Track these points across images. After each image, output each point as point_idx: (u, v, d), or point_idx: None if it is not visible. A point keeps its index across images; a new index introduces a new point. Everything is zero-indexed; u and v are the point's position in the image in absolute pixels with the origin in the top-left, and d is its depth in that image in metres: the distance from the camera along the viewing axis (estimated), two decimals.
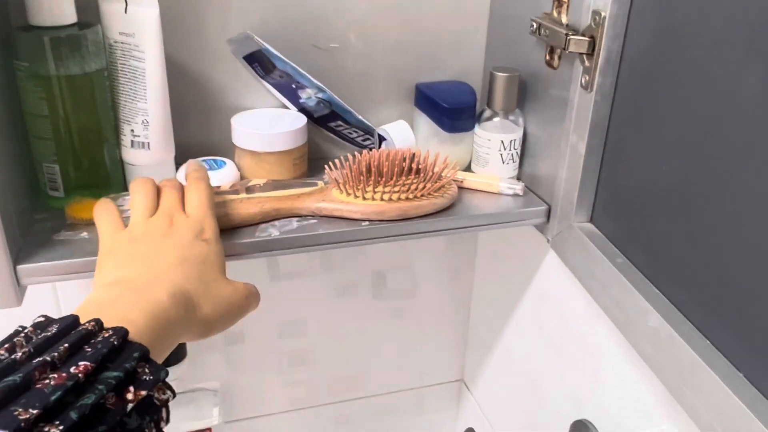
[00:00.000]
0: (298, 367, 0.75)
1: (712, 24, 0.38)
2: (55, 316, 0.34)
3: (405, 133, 0.61)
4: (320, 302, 0.72)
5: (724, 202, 0.38)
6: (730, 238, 0.37)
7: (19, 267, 0.44)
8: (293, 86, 0.58)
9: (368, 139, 0.61)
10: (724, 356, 0.38)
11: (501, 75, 0.55)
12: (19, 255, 0.45)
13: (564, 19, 0.49)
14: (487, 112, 0.57)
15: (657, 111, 0.43)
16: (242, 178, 0.56)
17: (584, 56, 0.47)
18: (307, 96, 0.58)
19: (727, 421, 0.36)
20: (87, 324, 0.32)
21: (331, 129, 0.61)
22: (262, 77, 0.58)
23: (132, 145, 0.53)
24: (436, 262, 0.74)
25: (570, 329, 0.58)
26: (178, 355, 0.64)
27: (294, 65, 0.55)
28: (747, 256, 0.36)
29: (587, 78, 0.47)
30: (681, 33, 0.40)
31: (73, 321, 0.32)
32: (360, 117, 0.59)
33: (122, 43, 0.50)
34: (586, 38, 0.46)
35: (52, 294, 0.62)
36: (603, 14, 0.45)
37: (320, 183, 0.55)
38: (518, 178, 0.59)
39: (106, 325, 0.33)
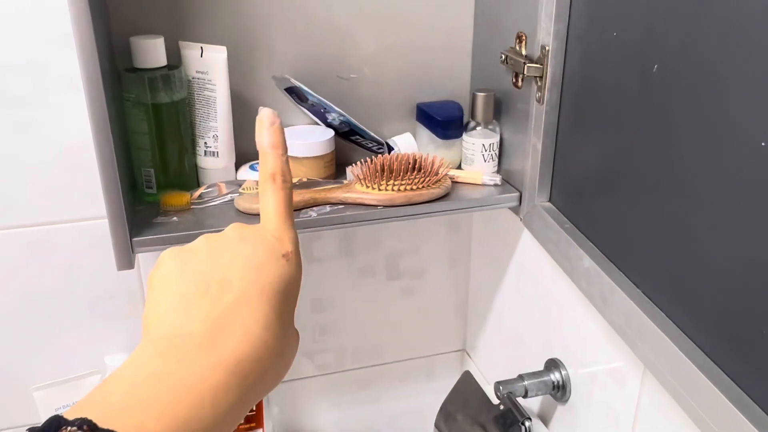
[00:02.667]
0: (326, 337, 0.92)
1: (612, 52, 0.55)
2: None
3: (409, 142, 0.78)
4: (344, 282, 0.89)
5: (635, 182, 0.55)
6: (635, 206, 0.54)
7: (133, 239, 0.62)
8: (322, 110, 0.75)
9: (381, 147, 0.78)
10: (633, 283, 0.55)
11: (480, 95, 0.73)
12: (131, 232, 0.63)
13: (523, 52, 0.67)
14: (472, 123, 0.74)
15: (588, 116, 0.60)
16: None
17: (537, 78, 0.65)
18: (332, 118, 0.76)
19: (636, 324, 0.52)
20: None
21: (352, 141, 0.78)
22: (298, 104, 0.76)
23: (205, 154, 0.71)
24: (439, 249, 0.91)
25: (540, 288, 0.74)
26: None
27: (320, 98, 0.73)
28: (644, 213, 0.53)
29: (539, 94, 0.65)
30: (594, 59, 0.58)
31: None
32: (372, 133, 0.76)
33: (198, 78, 0.68)
34: (538, 65, 0.64)
35: (137, 272, 0.80)
36: (547, 48, 0.62)
37: (345, 180, 0.72)
38: (497, 173, 0.76)
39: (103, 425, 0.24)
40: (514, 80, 0.69)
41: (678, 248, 0.49)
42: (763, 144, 0.40)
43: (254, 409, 0.84)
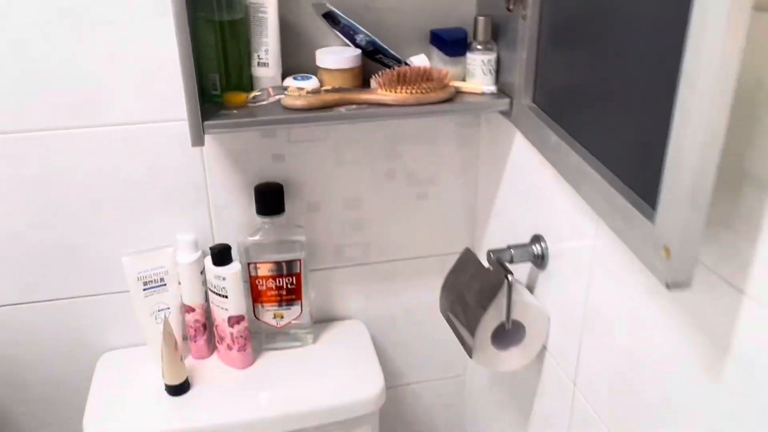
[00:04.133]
0: (355, 232, 1.10)
1: None
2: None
3: (423, 60, 0.95)
4: (371, 185, 1.07)
5: (592, 84, 0.70)
6: (593, 102, 0.70)
7: (204, 123, 0.81)
8: (351, 32, 0.92)
9: (399, 65, 0.95)
10: (593, 156, 0.71)
11: (481, 18, 0.89)
12: (202, 118, 0.81)
13: None
14: (474, 44, 0.90)
15: (562, 32, 0.76)
16: (322, 85, 0.91)
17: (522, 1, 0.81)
18: (360, 39, 0.93)
19: (600, 197, 0.68)
20: None
21: (376, 59, 0.95)
22: (332, 27, 0.93)
23: (258, 65, 0.89)
24: (452, 158, 1.08)
25: (526, 176, 0.91)
26: (278, 207, 0.99)
27: (351, 21, 0.90)
28: (599, 106, 0.69)
29: (524, 13, 0.81)
30: None
31: None
32: (393, 52, 0.93)
33: (254, 3, 0.86)
34: None
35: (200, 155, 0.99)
36: None
37: (370, 88, 0.89)
38: (494, 85, 0.92)
39: None
40: (506, 3, 0.85)
41: (617, 127, 0.65)
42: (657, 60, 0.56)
43: (295, 283, 1.03)
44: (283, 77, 0.92)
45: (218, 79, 0.87)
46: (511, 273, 0.83)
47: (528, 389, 0.98)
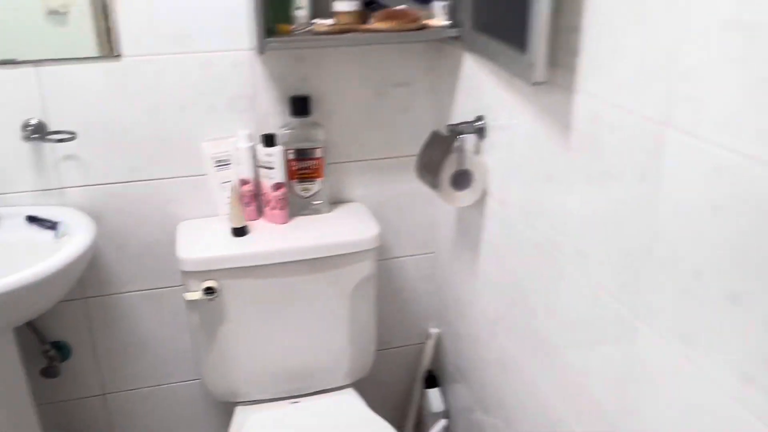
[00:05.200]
0: (357, 135, 1.57)
1: None
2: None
3: (404, 5, 1.44)
4: (368, 98, 1.54)
5: (497, 9, 1.19)
6: (496, 16, 1.19)
7: (266, 39, 1.28)
8: None
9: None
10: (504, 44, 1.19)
11: None
12: (265, 36, 1.28)
13: None
14: None
15: None
16: (337, 23, 1.39)
17: None
18: None
19: (502, 56, 1.17)
20: None
21: (372, 7, 1.43)
22: None
23: (296, 9, 1.37)
24: (421, 71, 1.56)
25: (470, 75, 1.39)
26: (306, 110, 1.46)
27: None
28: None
29: None
30: None
31: None
32: (383, 2, 1.42)
33: None
34: None
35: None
36: None
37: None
38: (450, 21, 1.40)
39: None
40: None
41: (506, 23, 1.13)
42: None
43: (316, 165, 1.49)
44: (311, 18, 1.39)
45: (273, 16, 1.35)
46: (460, 134, 1.31)
47: (476, 227, 1.45)
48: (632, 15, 0.85)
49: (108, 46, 1.36)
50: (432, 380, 1.81)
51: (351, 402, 1.55)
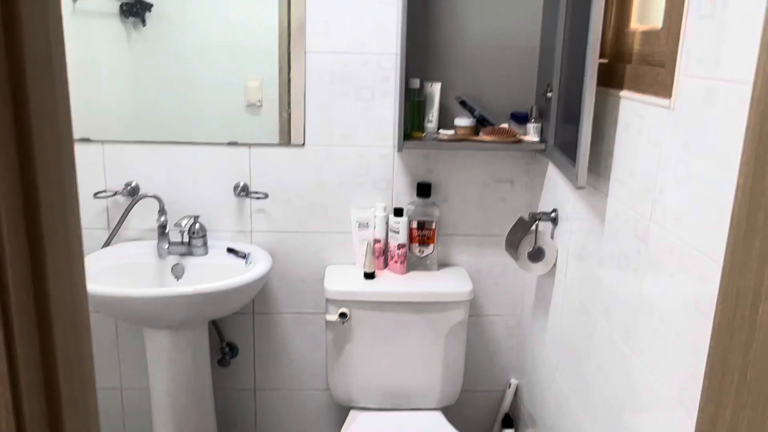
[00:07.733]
0: (467, 216, 2.07)
1: None
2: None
3: (506, 125, 1.95)
4: (475, 188, 2.05)
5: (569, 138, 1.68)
6: (567, 144, 1.67)
7: (404, 142, 1.84)
8: (472, 109, 1.95)
9: (495, 126, 1.96)
10: None
11: (533, 107, 1.89)
12: (403, 140, 1.84)
13: None
14: (530, 118, 1.90)
15: (563, 114, 1.74)
16: (456, 133, 1.93)
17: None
18: (476, 113, 1.95)
19: (565, 167, 1.64)
20: None
21: (482, 123, 1.96)
22: (463, 107, 1.96)
23: (427, 122, 1.93)
24: (517, 173, 2.05)
25: (551, 180, 1.86)
26: (428, 193, 1.99)
27: (473, 103, 1.93)
28: None
29: (549, 96, 1.80)
30: None
31: None
32: (491, 121, 1.95)
33: (429, 93, 1.91)
34: None
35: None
36: None
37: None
38: (539, 137, 1.90)
39: None
40: (544, 95, 1.85)
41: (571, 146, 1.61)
42: None
43: (431, 235, 2.01)
44: (437, 129, 1.94)
45: (410, 125, 1.91)
46: (539, 218, 1.78)
47: (548, 293, 1.88)
48: (638, 150, 1.31)
49: (287, 136, 1.98)
50: (508, 421, 2.20)
51: (438, 420, 1.99)
